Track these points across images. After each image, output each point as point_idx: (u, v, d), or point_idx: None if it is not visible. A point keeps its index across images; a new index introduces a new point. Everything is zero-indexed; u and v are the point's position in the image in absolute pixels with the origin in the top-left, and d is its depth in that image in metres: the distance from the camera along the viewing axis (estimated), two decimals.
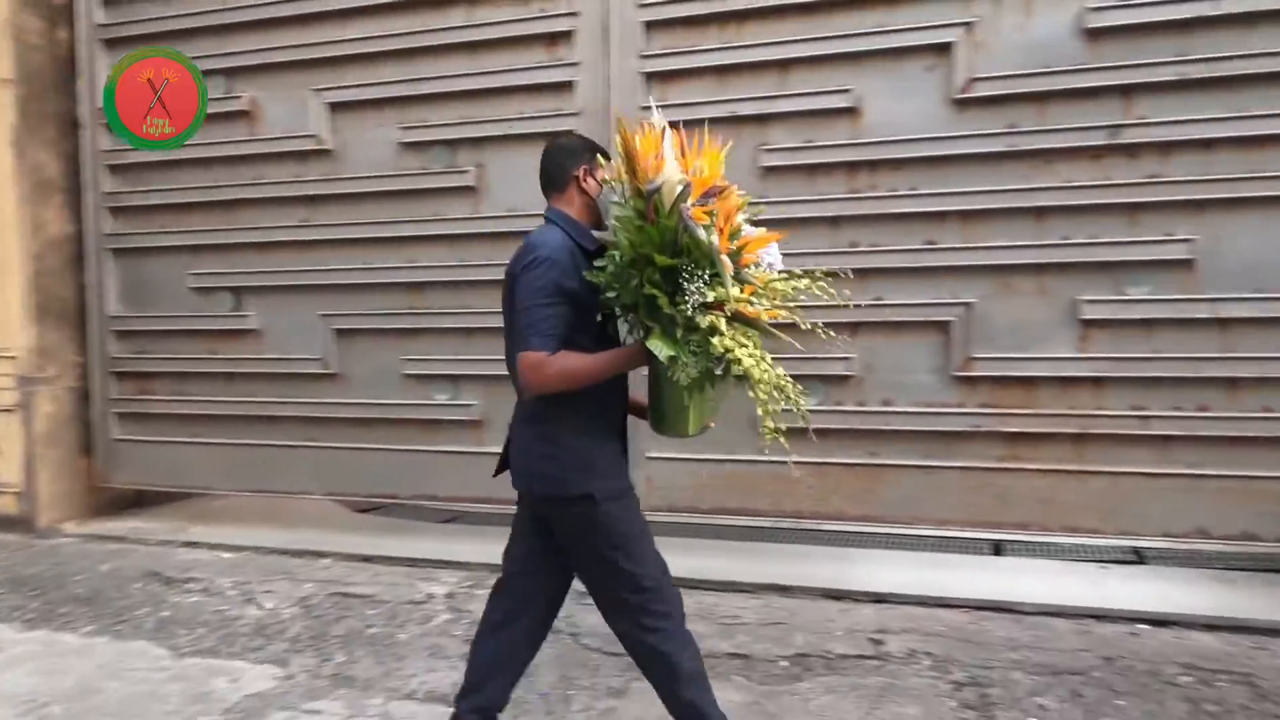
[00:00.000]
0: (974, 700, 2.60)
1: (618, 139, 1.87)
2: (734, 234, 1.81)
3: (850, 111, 3.63)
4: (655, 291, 1.77)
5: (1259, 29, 3.25)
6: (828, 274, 1.87)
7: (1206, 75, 3.26)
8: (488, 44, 4.01)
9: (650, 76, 3.81)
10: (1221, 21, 3.29)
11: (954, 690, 2.65)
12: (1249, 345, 3.29)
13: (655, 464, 3.89)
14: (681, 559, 3.66)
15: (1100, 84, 3.41)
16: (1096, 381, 3.47)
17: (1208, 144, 3.32)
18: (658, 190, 1.80)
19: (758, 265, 1.86)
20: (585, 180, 2.04)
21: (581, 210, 2.04)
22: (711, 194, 1.80)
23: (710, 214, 1.78)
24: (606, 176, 1.99)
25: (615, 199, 1.91)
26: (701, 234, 1.75)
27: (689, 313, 1.75)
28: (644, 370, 1.91)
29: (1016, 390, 3.54)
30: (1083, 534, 3.46)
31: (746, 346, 1.76)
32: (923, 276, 3.57)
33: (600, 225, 2.03)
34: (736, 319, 1.79)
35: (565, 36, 3.92)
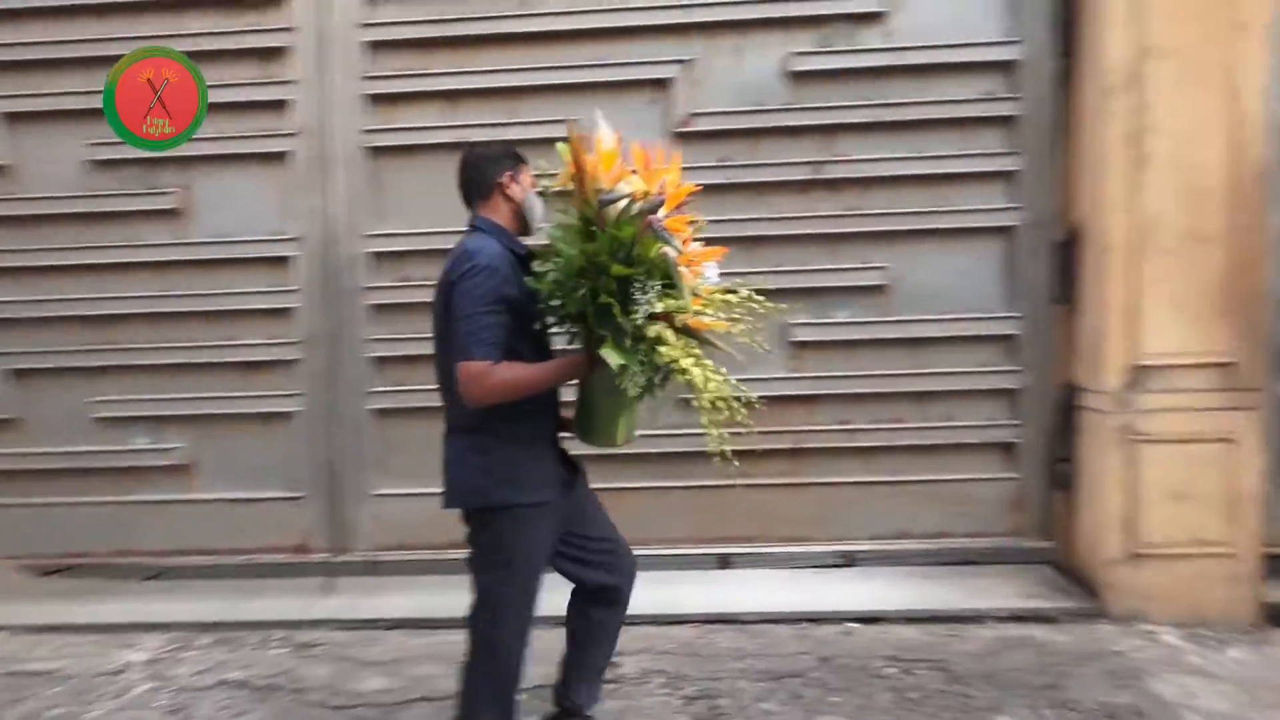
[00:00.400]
0: (704, 712, 2.72)
1: (563, 147, 1.90)
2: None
3: None
4: (610, 300, 1.78)
5: (936, 79, 3.66)
6: (759, 291, 1.98)
7: (895, 119, 3.65)
8: (193, 56, 3.78)
9: (375, 98, 3.73)
10: (905, 71, 3.67)
11: (685, 704, 2.77)
12: (935, 361, 3.68)
13: (384, 501, 3.80)
14: (412, 598, 3.58)
15: (805, 123, 3.72)
16: (808, 399, 3.76)
17: (897, 180, 3.70)
18: (615, 201, 1.83)
19: (703, 279, 1.92)
20: (510, 186, 2.07)
21: (508, 217, 2.07)
22: (679, 208, 1.87)
23: (690, 223, 1.88)
24: (544, 183, 2.04)
25: (558, 207, 1.93)
26: (675, 246, 1.81)
27: (639, 322, 1.78)
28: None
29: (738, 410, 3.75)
30: (800, 543, 3.74)
31: (693, 357, 1.81)
32: None
33: (526, 231, 2.06)
34: (683, 330, 1.84)
35: (280, 53, 3.76)
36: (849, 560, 3.78)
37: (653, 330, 1.79)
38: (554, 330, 2.00)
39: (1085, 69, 3.49)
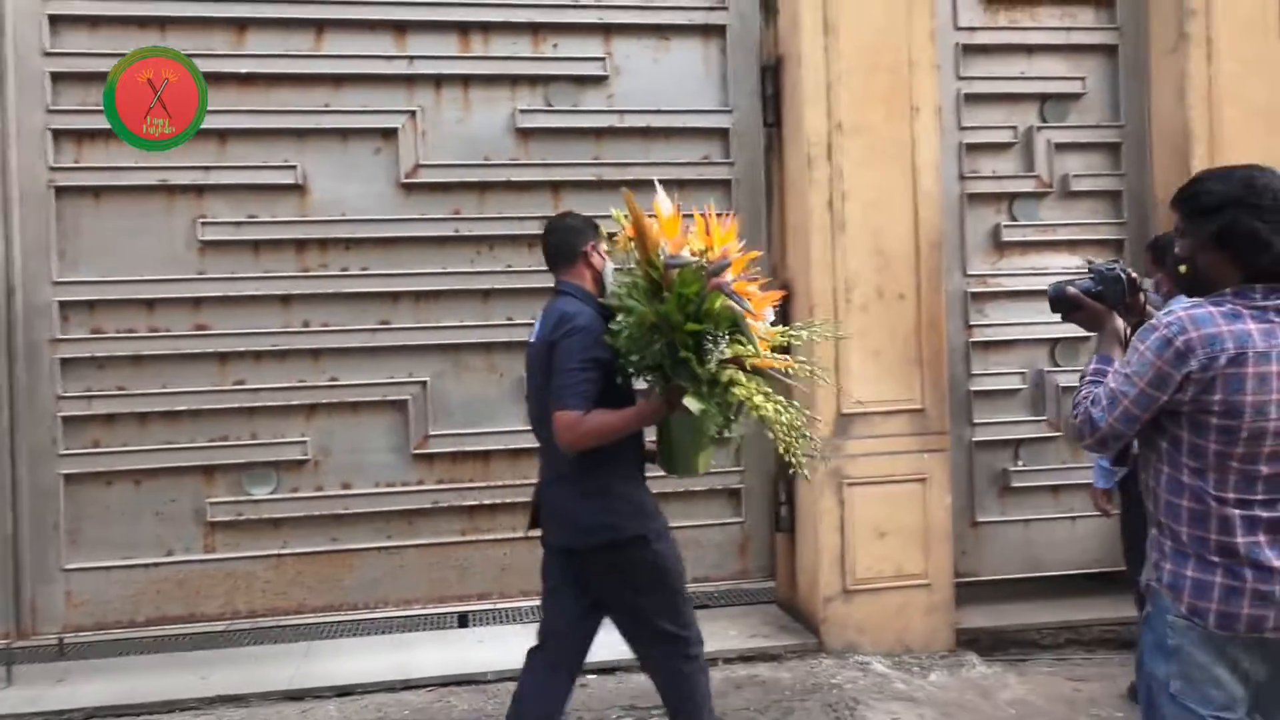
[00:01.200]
0: None
1: (621, 214, 2.23)
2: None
3: (297, 188, 3.78)
4: (688, 354, 2.05)
5: (658, 142, 3.99)
6: (805, 326, 2.35)
7: (619, 178, 3.91)
8: None
9: (59, 134, 3.63)
10: (628, 133, 3.98)
11: None
12: None
13: (76, 576, 3.64)
14: (113, 684, 3.38)
15: (533, 179, 3.95)
16: None
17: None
18: (682, 265, 2.09)
19: (764, 323, 2.20)
20: (592, 255, 2.39)
21: (591, 282, 2.39)
22: (745, 272, 2.15)
23: (756, 286, 2.16)
24: (608, 248, 2.36)
25: (617, 268, 2.30)
26: (745, 306, 2.08)
27: (714, 370, 2.04)
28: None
29: (473, 464, 3.90)
30: (539, 596, 3.87)
31: (763, 394, 2.07)
32: (378, 356, 3.79)
33: (601, 293, 2.36)
34: (752, 371, 2.11)
35: None
36: None
37: (725, 375, 2.07)
38: (632, 378, 2.25)
39: (789, 139, 3.89)
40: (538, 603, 3.66)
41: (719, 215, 2.24)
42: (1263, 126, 3.94)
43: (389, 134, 3.79)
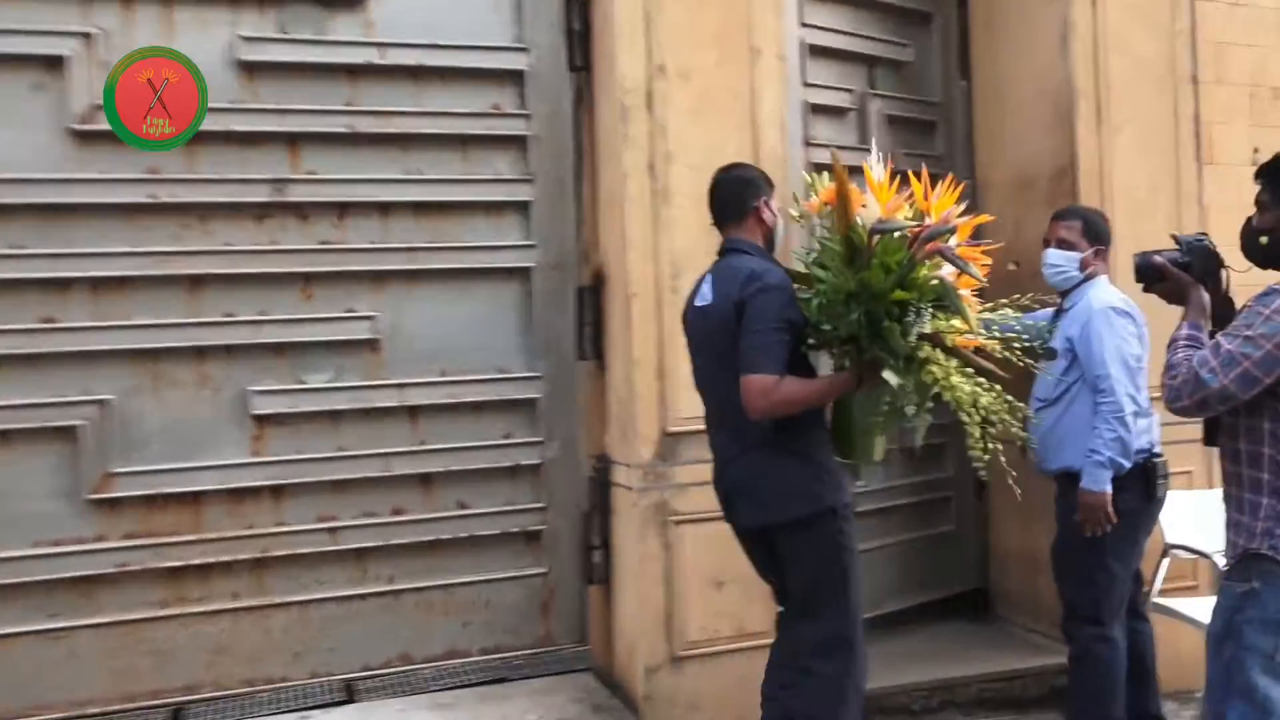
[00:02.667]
0: None
1: (817, 179, 2.56)
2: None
3: None
4: (893, 324, 2.24)
5: (432, 87, 3.49)
6: (1019, 306, 2.45)
7: (380, 130, 3.43)
8: None
9: None
10: (392, 73, 3.46)
11: None
12: (441, 434, 3.49)
13: None
14: None
15: (261, 129, 3.37)
16: (276, 491, 3.38)
17: (385, 208, 3.47)
18: (894, 230, 2.30)
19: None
20: (764, 210, 2.59)
21: (762, 240, 2.58)
22: (972, 236, 2.37)
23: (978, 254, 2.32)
24: (793, 209, 2.61)
25: (821, 233, 2.47)
26: (972, 272, 2.28)
27: (914, 343, 2.21)
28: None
29: (177, 511, 3.29)
30: (267, 685, 3.32)
31: (962, 375, 2.21)
32: (38, 367, 3.16)
33: (771, 253, 2.59)
34: (951, 350, 2.26)
35: None
36: (348, 695, 3.44)
37: (924, 351, 2.22)
38: (815, 350, 2.43)
39: (601, 86, 3.52)
40: (266, 690, 3.15)
41: (936, 178, 2.42)
42: (1151, 81, 3.85)
43: (54, 64, 3.15)
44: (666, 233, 3.33)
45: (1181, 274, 2.13)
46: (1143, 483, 2.98)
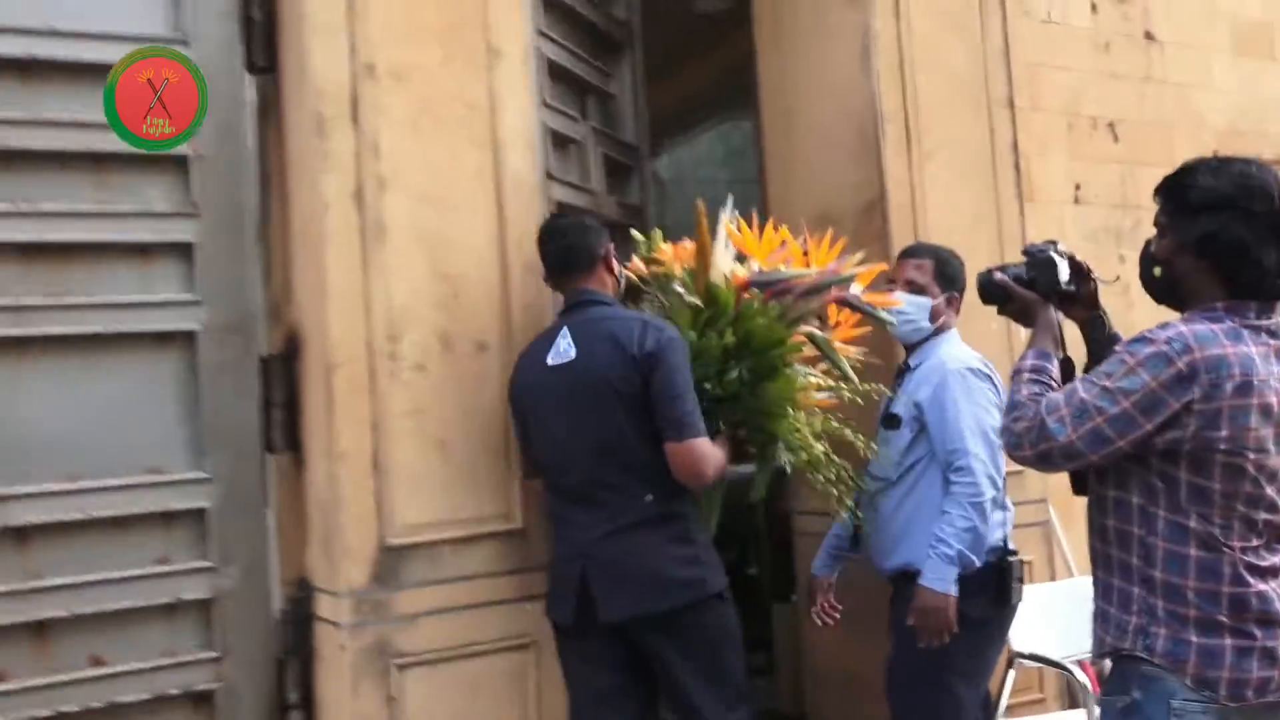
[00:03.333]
0: None
1: (656, 233, 3.12)
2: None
3: None
4: (782, 378, 2.78)
5: (45, 86, 3.00)
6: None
7: None
8: None
9: None
10: None
11: None
12: (62, 565, 2.98)
13: None
14: None
15: None
16: None
17: None
18: (776, 282, 2.83)
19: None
20: (611, 259, 2.85)
21: (613, 292, 2.85)
22: (871, 285, 3.00)
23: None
24: (654, 269, 3.00)
25: (675, 288, 2.86)
26: (884, 318, 2.93)
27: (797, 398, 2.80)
28: None
29: None
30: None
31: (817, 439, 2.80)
32: None
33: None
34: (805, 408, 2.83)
35: None
36: None
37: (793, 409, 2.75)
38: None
39: (292, 90, 3.18)
40: None
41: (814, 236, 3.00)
42: (965, 103, 3.90)
43: None
44: (381, 281, 3.06)
45: (1025, 291, 2.15)
46: (996, 586, 2.86)
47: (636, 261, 2.97)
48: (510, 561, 3.12)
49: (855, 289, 2.89)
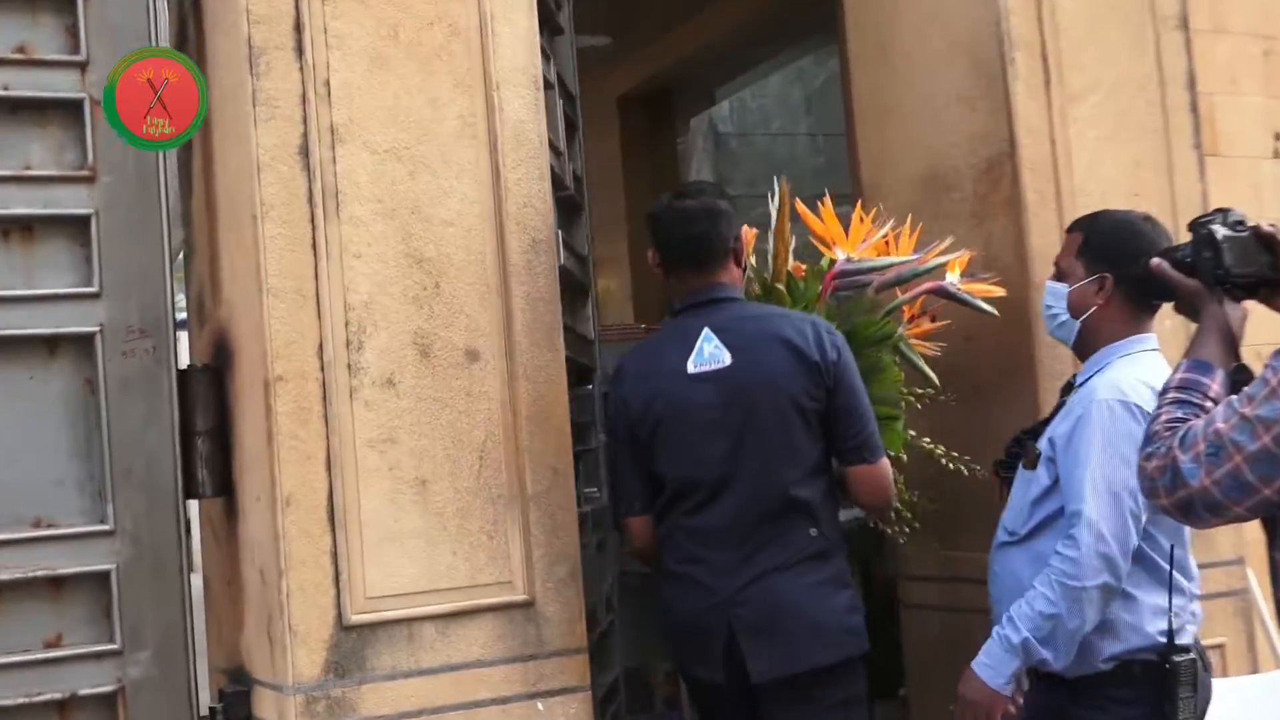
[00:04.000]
0: None
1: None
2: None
3: None
4: (889, 369, 3.11)
5: None
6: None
7: None
8: None
9: None
10: None
11: None
12: None
13: None
14: None
15: None
16: None
17: None
18: (872, 271, 3.15)
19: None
20: (743, 251, 2.95)
21: (740, 285, 2.96)
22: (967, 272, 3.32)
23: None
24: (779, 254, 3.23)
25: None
26: (980, 306, 3.21)
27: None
28: None
29: None
30: None
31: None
32: None
33: None
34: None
35: None
36: None
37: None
38: None
39: (217, 12, 3.04)
40: None
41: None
42: (1122, 25, 3.59)
43: None
44: (336, 267, 2.87)
45: (1185, 279, 2.00)
46: (1154, 695, 2.56)
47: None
48: (514, 644, 2.95)
49: (951, 278, 3.10)
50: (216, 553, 3.10)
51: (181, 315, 3.24)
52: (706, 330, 2.76)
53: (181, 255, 3.27)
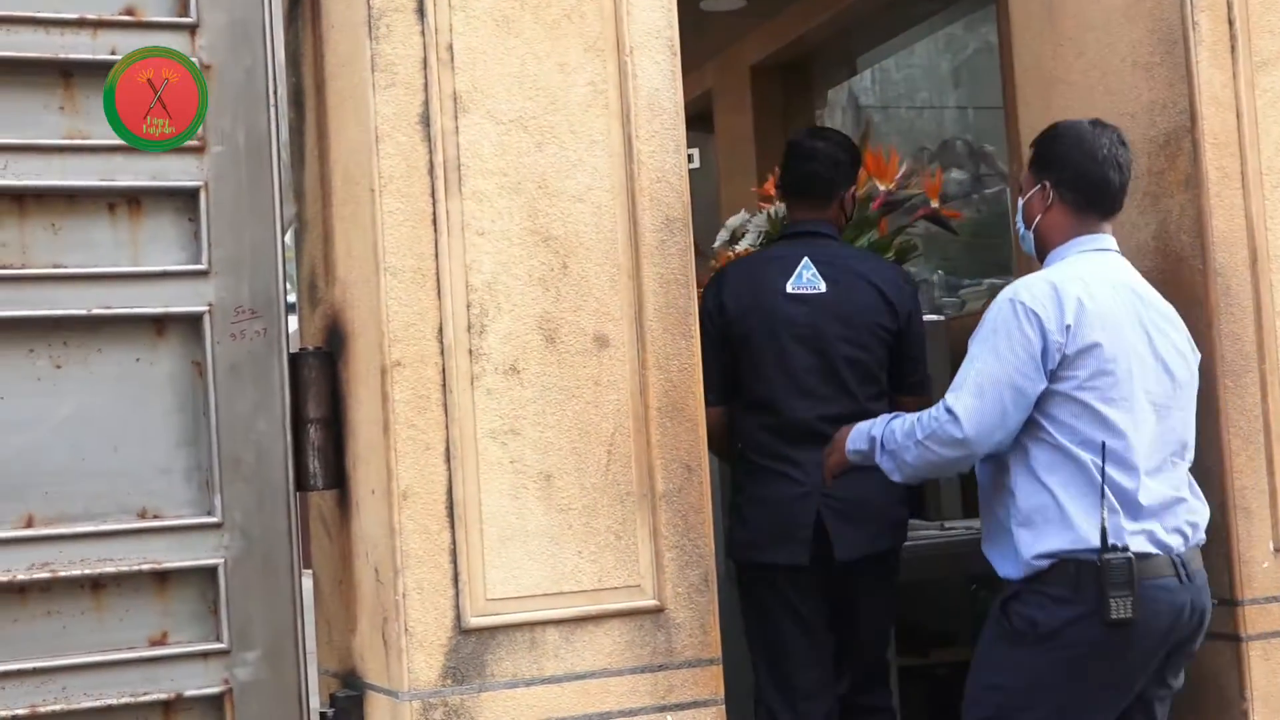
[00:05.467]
0: None
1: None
2: None
3: None
4: None
5: None
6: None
7: None
8: None
9: None
10: None
11: None
12: (13, 645, 2.88)
13: None
14: None
15: None
16: None
17: None
18: (904, 201, 4.54)
19: None
20: (849, 201, 3.79)
21: (840, 227, 3.79)
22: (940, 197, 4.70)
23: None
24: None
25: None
26: (952, 227, 4.98)
27: None
28: None
29: None
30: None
31: None
32: None
33: None
34: None
35: None
36: None
37: None
38: None
39: None
40: None
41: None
42: None
43: None
44: (458, 246, 3.00)
45: None
46: (1092, 593, 2.85)
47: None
48: (643, 653, 3.06)
49: (934, 204, 4.41)
50: (328, 549, 3.20)
51: (290, 297, 3.37)
52: (806, 259, 3.46)
53: (292, 232, 3.41)
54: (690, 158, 3.24)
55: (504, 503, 2.96)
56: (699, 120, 7.22)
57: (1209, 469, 3.28)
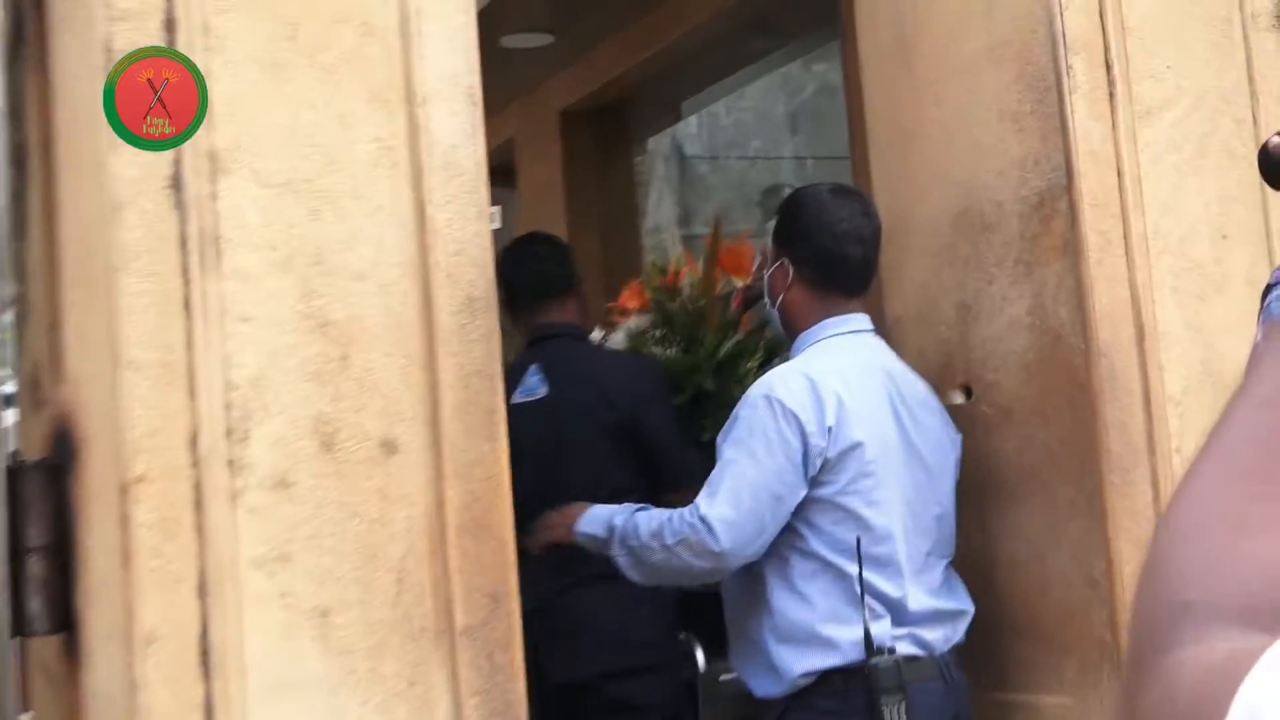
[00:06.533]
0: None
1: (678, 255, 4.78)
2: None
3: None
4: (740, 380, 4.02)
5: None
6: None
7: None
8: None
9: None
10: None
11: None
12: None
13: None
14: None
15: None
16: None
17: None
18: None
19: None
20: (580, 288, 4.02)
21: (580, 322, 4.04)
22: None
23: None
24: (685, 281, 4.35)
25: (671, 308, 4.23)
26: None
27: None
28: None
29: None
30: None
31: None
32: None
33: None
34: None
35: None
36: None
37: None
38: None
39: (64, 7, 3.06)
40: None
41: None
42: (1206, 16, 3.67)
43: None
44: (216, 332, 2.87)
45: None
46: (861, 701, 2.94)
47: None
48: None
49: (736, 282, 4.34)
50: (52, 707, 3.04)
51: (8, 386, 3.19)
52: (533, 366, 3.76)
53: (11, 318, 3.27)
54: (491, 218, 3.18)
55: (272, 645, 2.80)
56: (500, 172, 7.17)
57: (1095, 580, 3.23)
